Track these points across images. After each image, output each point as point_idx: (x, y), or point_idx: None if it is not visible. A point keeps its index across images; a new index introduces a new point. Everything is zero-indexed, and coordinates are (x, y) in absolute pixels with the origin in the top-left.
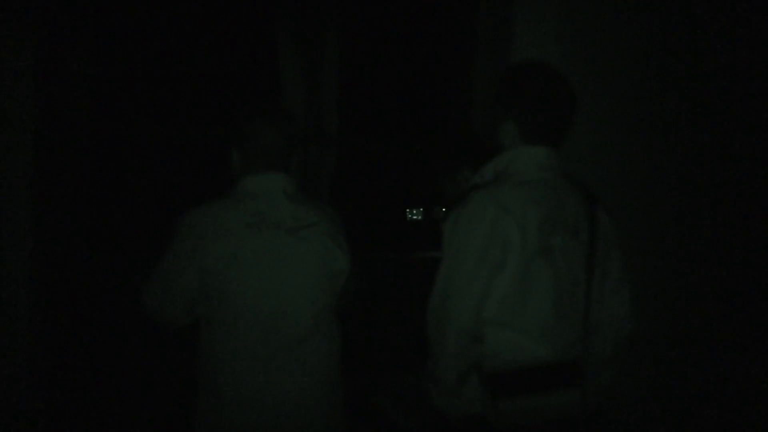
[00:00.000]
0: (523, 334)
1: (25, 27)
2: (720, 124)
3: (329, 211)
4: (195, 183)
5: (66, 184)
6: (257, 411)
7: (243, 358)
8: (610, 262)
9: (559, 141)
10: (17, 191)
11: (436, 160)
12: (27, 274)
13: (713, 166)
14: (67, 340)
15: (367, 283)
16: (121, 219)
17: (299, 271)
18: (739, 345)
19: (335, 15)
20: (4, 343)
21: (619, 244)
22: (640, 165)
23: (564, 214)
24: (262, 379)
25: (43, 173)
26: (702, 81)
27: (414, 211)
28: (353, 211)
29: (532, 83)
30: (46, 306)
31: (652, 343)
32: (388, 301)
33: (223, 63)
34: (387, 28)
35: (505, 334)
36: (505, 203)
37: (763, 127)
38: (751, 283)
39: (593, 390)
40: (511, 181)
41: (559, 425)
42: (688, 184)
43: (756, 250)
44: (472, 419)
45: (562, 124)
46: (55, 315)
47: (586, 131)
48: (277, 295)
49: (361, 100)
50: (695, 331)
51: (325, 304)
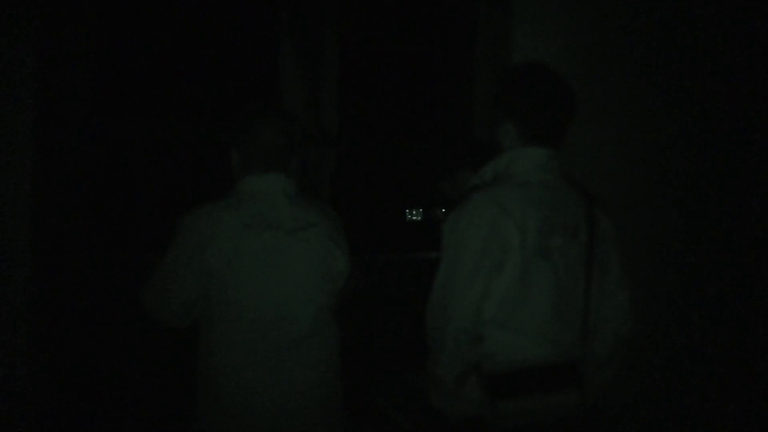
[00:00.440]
0: (522, 334)
1: (25, 27)
2: (720, 124)
3: (329, 211)
4: (195, 183)
5: (66, 184)
6: (257, 411)
7: (242, 358)
8: (609, 263)
9: (559, 142)
10: (17, 191)
11: (435, 160)
12: (27, 274)
13: (713, 167)
14: (67, 340)
15: (367, 284)
16: (121, 219)
17: (299, 271)
18: (739, 345)
19: (335, 15)
20: (4, 344)
21: (618, 245)
22: (639, 166)
23: (563, 215)
24: (261, 380)
25: (42, 173)
26: (702, 81)
27: (414, 212)
28: (353, 211)
29: (531, 85)
30: (45, 306)
31: (650, 343)
32: (387, 301)
33: (223, 63)
34: (387, 29)
35: (504, 334)
36: (504, 204)
37: (763, 128)
38: (750, 283)
39: (592, 391)
40: (511, 182)
41: (557, 426)
42: (688, 184)
43: (756, 251)
44: (470, 420)
45: (561, 126)
46: (54, 315)
47: (585, 132)
48: (277, 295)
49: (361, 100)
50: (694, 331)
51: (324, 305)
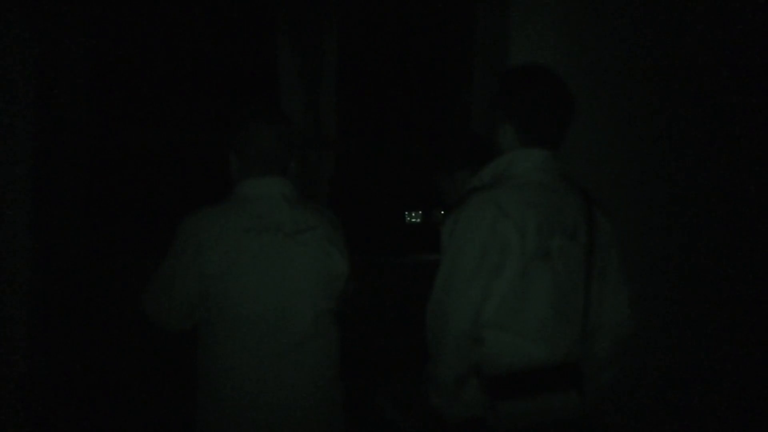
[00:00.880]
0: (522, 336)
1: (26, 28)
2: (719, 125)
3: (328, 214)
4: (195, 186)
5: (66, 188)
6: (257, 413)
7: (243, 361)
8: (609, 264)
9: (558, 143)
10: (18, 195)
11: (434, 160)
12: (27, 277)
13: (712, 168)
14: (67, 343)
15: (367, 286)
16: (120, 222)
17: (298, 274)
18: (740, 346)
19: (333, 18)
20: (5, 345)
21: (617, 246)
22: (638, 167)
23: (562, 217)
24: (261, 382)
25: (42, 177)
26: (701, 82)
27: (413, 214)
28: (352, 214)
29: (530, 86)
30: (46, 309)
31: (650, 344)
32: (387, 303)
33: (222, 67)
34: (385, 32)
35: (504, 336)
36: (503, 206)
37: (763, 128)
38: (750, 284)
39: (592, 392)
40: (510, 183)
41: (557, 427)
42: (687, 185)
43: (756, 251)
44: (471, 422)
45: (560, 127)
46: (54, 318)
47: (583, 134)
48: (277, 298)
49: (359, 103)
50: (694, 332)
51: (324, 307)
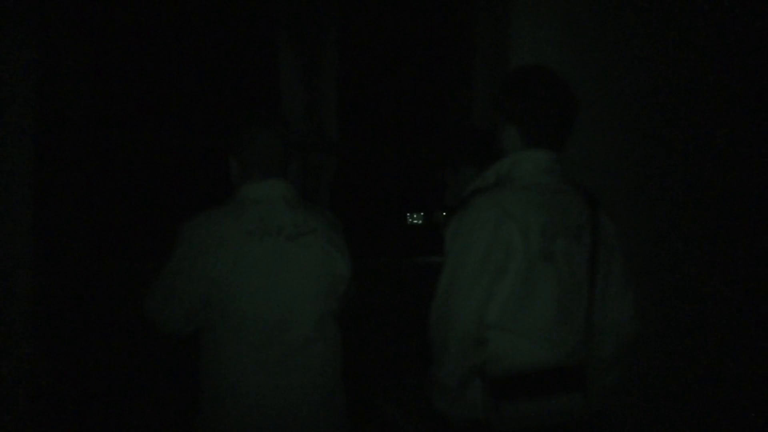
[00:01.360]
0: (526, 338)
1: (26, 34)
2: (720, 126)
3: (329, 216)
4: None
5: (67, 191)
6: (260, 416)
7: (245, 363)
8: (613, 266)
9: (561, 144)
10: (18, 198)
11: (437, 157)
12: (28, 281)
13: (714, 169)
14: (68, 347)
15: (368, 288)
16: (122, 226)
17: (300, 277)
18: (744, 347)
19: (334, 20)
20: (6, 349)
21: (621, 247)
22: (640, 168)
23: (566, 218)
24: (264, 385)
25: (43, 180)
26: (703, 83)
27: (414, 216)
28: (354, 216)
29: (533, 87)
30: (47, 313)
31: (654, 346)
32: (389, 305)
33: (223, 70)
34: (386, 33)
35: (508, 338)
36: (507, 208)
37: (763, 128)
38: (754, 284)
39: (596, 393)
40: (514, 185)
41: (562, 429)
42: (689, 187)
43: (758, 252)
44: (474, 423)
45: (563, 128)
46: (56, 322)
47: (585, 135)
48: (279, 301)
49: (361, 105)
50: (699, 334)
51: (326, 310)
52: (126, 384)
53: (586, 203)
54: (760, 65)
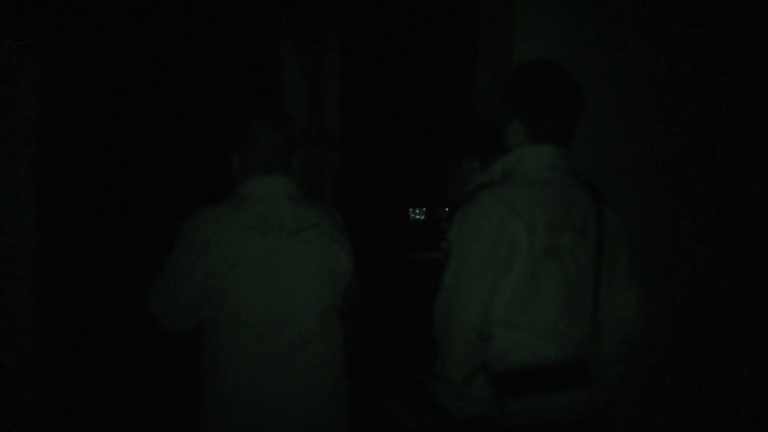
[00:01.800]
0: (531, 333)
1: (28, 31)
2: (724, 124)
3: (331, 212)
4: (198, 186)
5: (69, 188)
6: (262, 412)
7: (247, 359)
8: (618, 262)
9: (567, 140)
10: (21, 195)
11: (440, 151)
12: (31, 278)
13: (717, 167)
14: (71, 343)
15: (371, 283)
16: (124, 222)
17: (302, 272)
18: (750, 344)
19: (336, 17)
20: (10, 347)
21: (627, 243)
22: (643, 165)
23: (572, 214)
24: (266, 381)
25: (46, 177)
26: (707, 79)
27: (417, 211)
28: (356, 211)
29: (538, 82)
30: (50, 309)
31: (660, 342)
32: (391, 301)
33: (225, 67)
34: (388, 30)
35: (513, 333)
36: (512, 203)
37: (765, 128)
38: (759, 281)
39: (601, 389)
40: (519, 180)
41: (566, 425)
42: (691, 184)
43: (760, 251)
44: (479, 419)
45: (569, 123)
46: (58, 318)
47: (588, 132)
48: (281, 296)
49: (363, 101)
50: (704, 330)
51: (328, 305)
52: (130, 382)
53: (592, 198)
54: (763, 64)
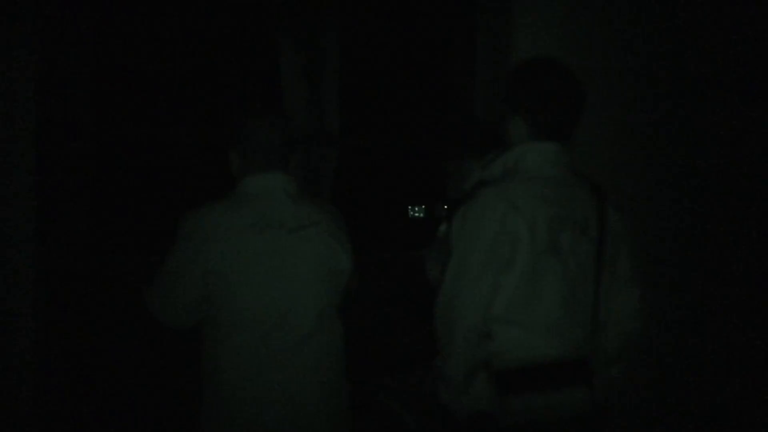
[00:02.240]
0: (532, 331)
1: (26, 29)
2: (726, 124)
3: (331, 209)
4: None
5: (68, 186)
6: (262, 411)
7: (247, 357)
8: (620, 259)
9: (568, 137)
10: (20, 194)
11: (440, 149)
12: (31, 277)
13: (718, 166)
14: (70, 342)
15: (370, 281)
16: (123, 220)
17: (302, 270)
18: (744, 345)
19: (335, 14)
20: (9, 346)
21: (628, 240)
22: (641, 164)
23: (573, 211)
24: (266, 379)
25: (45, 175)
26: (705, 78)
27: (416, 208)
28: (355, 209)
29: (539, 79)
30: (49, 308)
31: (661, 340)
32: (391, 298)
33: (223, 64)
34: (387, 27)
35: (514, 331)
36: (514, 200)
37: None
38: (756, 283)
39: (601, 387)
40: (520, 177)
41: (566, 422)
42: (693, 183)
43: (761, 250)
44: (480, 417)
45: (570, 120)
46: (58, 317)
47: (588, 131)
48: (281, 294)
49: (362, 98)
50: (705, 329)
51: (328, 303)
52: (130, 380)
53: (593, 196)
54: (763, 64)
